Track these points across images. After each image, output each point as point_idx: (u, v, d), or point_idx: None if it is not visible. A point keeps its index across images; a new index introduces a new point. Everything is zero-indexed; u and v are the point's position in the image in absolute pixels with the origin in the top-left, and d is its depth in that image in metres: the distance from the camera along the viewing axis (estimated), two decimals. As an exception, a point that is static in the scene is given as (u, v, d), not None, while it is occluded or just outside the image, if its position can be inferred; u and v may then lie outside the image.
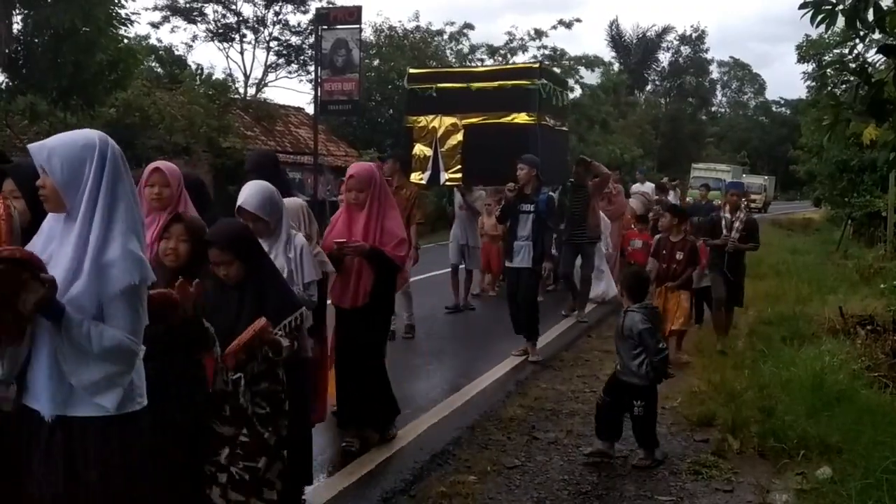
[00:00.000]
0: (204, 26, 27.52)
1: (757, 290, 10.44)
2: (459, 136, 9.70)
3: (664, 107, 56.33)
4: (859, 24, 4.31)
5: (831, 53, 16.61)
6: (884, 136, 4.79)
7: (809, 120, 19.20)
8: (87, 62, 12.36)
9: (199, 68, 24.90)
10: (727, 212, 7.82)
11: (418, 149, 9.97)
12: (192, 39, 35.48)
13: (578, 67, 32.99)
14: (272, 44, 28.03)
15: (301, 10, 27.12)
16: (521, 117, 9.48)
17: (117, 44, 13.12)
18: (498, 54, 30.60)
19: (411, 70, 11.57)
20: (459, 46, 30.62)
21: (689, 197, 21.48)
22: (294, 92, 61.75)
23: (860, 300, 9.64)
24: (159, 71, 25.22)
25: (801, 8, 4.43)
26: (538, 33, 30.88)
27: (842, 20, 4.34)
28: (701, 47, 60.07)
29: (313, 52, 21.93)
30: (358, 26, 19.77)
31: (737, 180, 26.79)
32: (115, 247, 2.29)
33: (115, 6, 12.73)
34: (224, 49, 28.35)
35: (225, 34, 27.59)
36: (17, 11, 12.29)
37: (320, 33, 20.04)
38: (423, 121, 9.97)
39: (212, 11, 27.17)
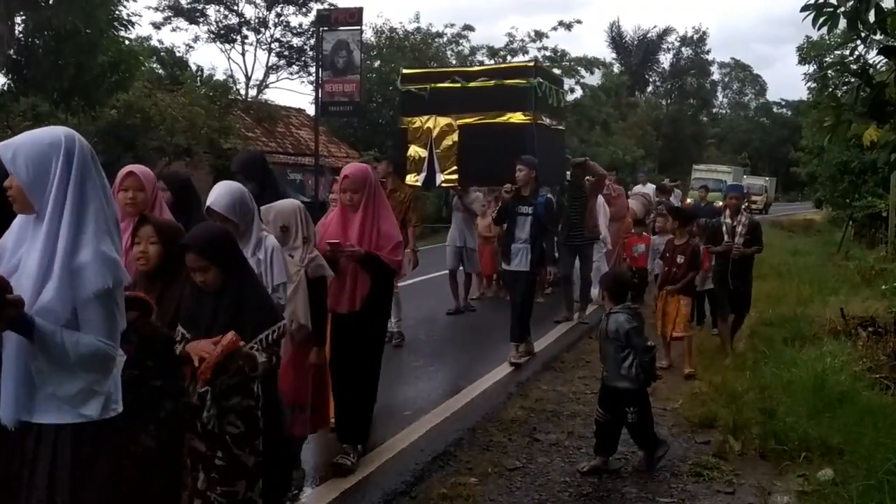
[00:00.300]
0: (206, 27, 27.56)
1: (758, 292, 10.39)
2: (455, 137, 9.58)
3: (665, 108, 56.35)
4: (860, 26, 4.31)
5: (832, 55, 16.61)
6: (884, 137, 4.79)
7: (810, 121, 19.22)
8: (89, 64, 12.39)
9: (199, 70, 24.94)
10: (727, 216, 7.45)
11: (413, 150, 9.83)
12: (194, 40, 35.57)
13: (579, 69, 32.99)
14: (273, 45, 28.08)
15: (302, 11, 27.16)
16: (516, 117, 9.36)
17: (119, 45, 13.14)
18: (498, 56, 30.60)
19: (405, 70, 11.39)
20: (460, 48, 30.67)
21: (689, 198, 21.47)
22: (295, 93, 61.85)
23: (861, 301, 9.63)
24: (160, 72, 25.23)
25: (802, 10, 4.43)
26: (538, 35, 30.90)
27: (843, 22, 4.34)
28: (702, 48, 60.13)
29: (314, 53, 21.94)
30: (359, 28, 19.83)
31: (736, 183, 26.66)
32: (87, 249, 2.20)
33: (115, 8, 12.74)
34: (225, 50, 28.38)
35: (227, 35, 27.61)
36: (20, 15, 12.30)
37: (321, 35, 20.09)
38: (417, 121, 9.85)
39: (214, 12, 27.21)
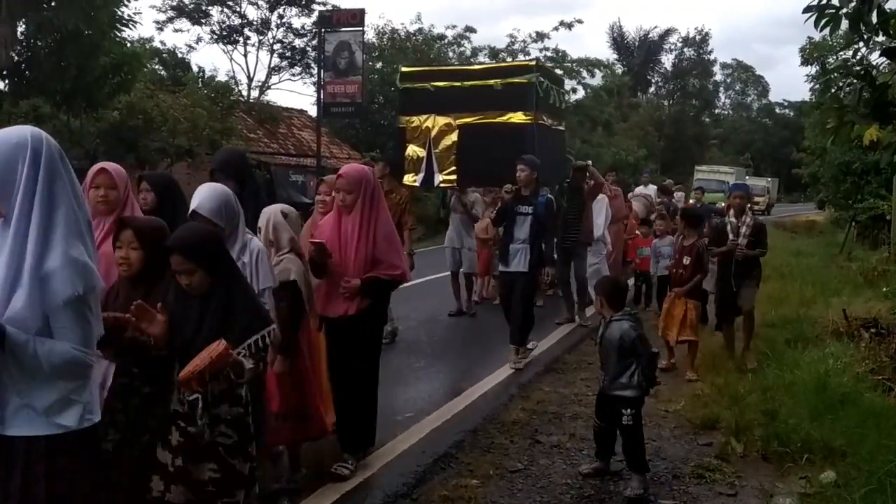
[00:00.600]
0: (208, 28, 27.57)
1: (761, 293, 10.39)
2: (454, 137, 9.45)
3: (667, 109, 56.33)
4: (863, 28, 4.31)
5: (835, 56, 16.61)
6: (887, 138, 4.78)
7: (813, 122, 19.21)
8: (91, 65, 12.40)
9: (201, 71, 24.95)
10: (732, 216, 7.22)
11: (411, 150, 9.69)
12: (196, 41, 35.60)
13: (580, 70, 33.00)
14: (276, 46, 28.06)
15: (305, 13, 27.16)
16: (517, 116, 9.22)
17: (121, 47, 13.14)
18: (499, 57, 30.61)
19: (404, 68, 11.23)
20: (462, 49, 30.68)
21: (690, 199, 21.47)
22: (297, 94, 61.79)
23: (864, 303, 9.61)
24: (162, 73, 25.25)
25: (804, 11, 4.43)
26: (540, 35, 30.92)
27: (845, 23, 4.33)
28: (705, 49, 60.13)
29: (316, 54, 21.95)
30: (361, 29, 19.86)
31: (741, 182, 26.62)
32: (56, 254, 2.09)
33: (118, 9, 12.75)
34: (228, 52, 28.37)
35: (229, 36, 27.62)
36: (20, 17, 12.31)
37: (323, 36, 20.11)
38: (416, 121, 9.71)
39: (216, 13, 27.21)
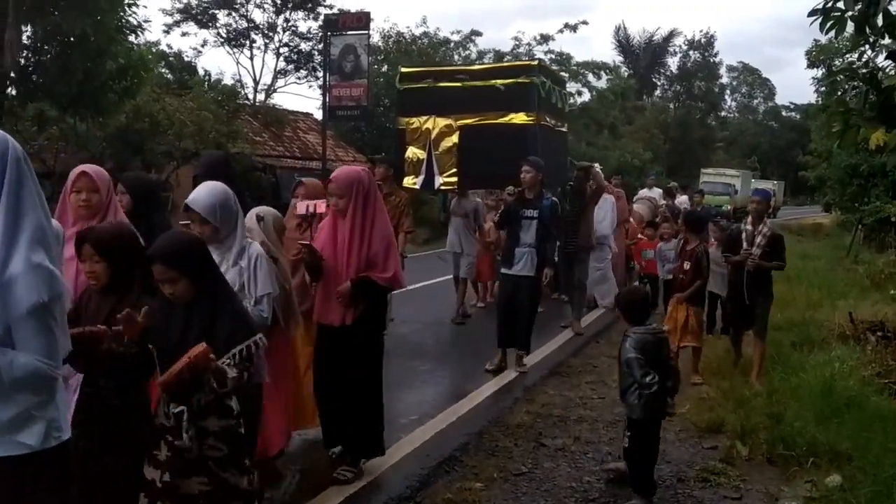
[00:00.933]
0: (215, 31, 27.67)
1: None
2: (454, 138, 9.30)
3: (673, 111, 56.25)
4: (868, 30, 4.30)
5: (841, 59, 16.57)
6: (893, 140, 4.77)
7: (819, 125, 19.15)
8: (97, 70, 12.43)
9: (206, 74, 25.03)
10: (749, 223, 6.80)
11: (411, 152, 9.54)
12: (202, 45, 35.73)
13: (586, 72, 32.97)
14: (282, 50, 28.15)
15: (311, 16, 27.24)
16: (519, 117, 9.07)
17: (128, 52, 13.18)
18: (505, 60, 30.60)
19: (403, 69, 11.08)
20: (467, 52, 30.67)
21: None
22: (303, 98, 61.99)
23: (871, 306, 9.59)
24: (169, 77, 25.34)
25: (810, 15, 4.42)
26: (544, 38, 30.88)
27: (851, 26, 4.32)
28: (710, 52, 60.03)
29: (322, 57, 21.99)
30: (366, 32, 19.86)
31: (762, 188, 26.49)
32: (18, 260, 1.98)
33: (125, 14, 12.79)
34: (234, 55, 28.48)
35: (236, 40, 27.72)
36: (27, 21, 12.36)
37: (329, 39, 20.14)
38: (416, 122, 9.57)
39: (223, 16, 27.32)
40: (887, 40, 4.87)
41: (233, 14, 27.17)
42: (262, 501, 3.04)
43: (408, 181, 9.41)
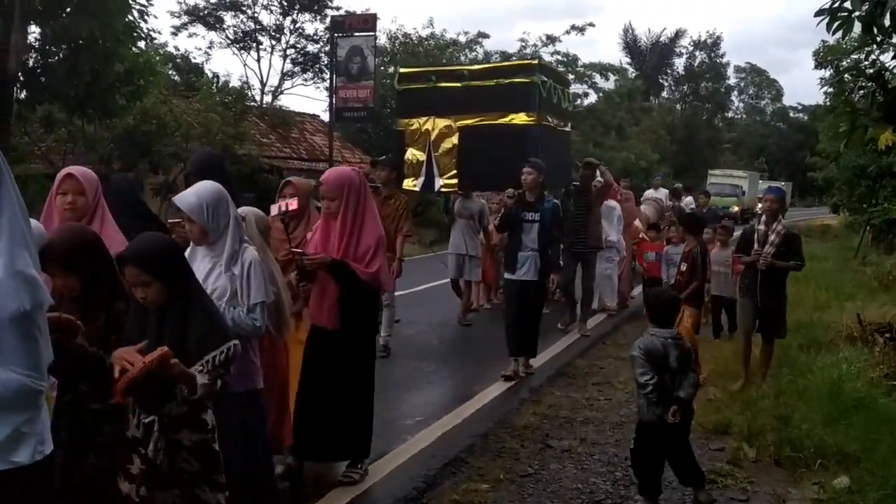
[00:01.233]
0: (223, 34, 27.73)
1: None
2: (454, 139, 9.18)
3: (679, 112, 56.14)
4: (876, 31, 4.29)
5: (849, 59, 16.52)
6: (900, 141, 4.75)
7: (827, 126, 19.09)
8: (105, 72, 12.47)
9: (215, 76, 25.08)
10: (762, 223, 6.56)
11: (411, 153, 9.44)
12: (209, 47, 35.82)
13: (593, 74, 32.94)
14: (288, 51, 28.19)
15: (318, 18, 27.28)
16: (519, 117, 8.94)
17: (136, 57, 13.22)
18: (512, 60, 30.60)
19: (402, 70, 10.94)
20: (474, 54, 30.67)
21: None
22: (310, 99, 61.83)
23: (879, 307, 9.54)
24: (176, 79, 25.41)
25: (816, 15, 4.42)
26: (550, 39, 30.88)
27: (858, 26, 4.31)
28: (717, 52, 59.93)
29: (329, 59, 22.03)
30: (373, 34, 19.94)
31: (776, 185, 26.32)
32: None
33: (134, 18, 12.83)
34: (241, 56, 28.52)
35: (243, 41, 27.79)
36: (36, 23, 12.41)
37: (335, 41, 20.20)
38: (415, 123, 9.45)
39: (230, 18, 27.38)
40: (895, 40, 4.86)
41: (239, 16, 27.26)
42: None
43: (408, 183, 9.30)
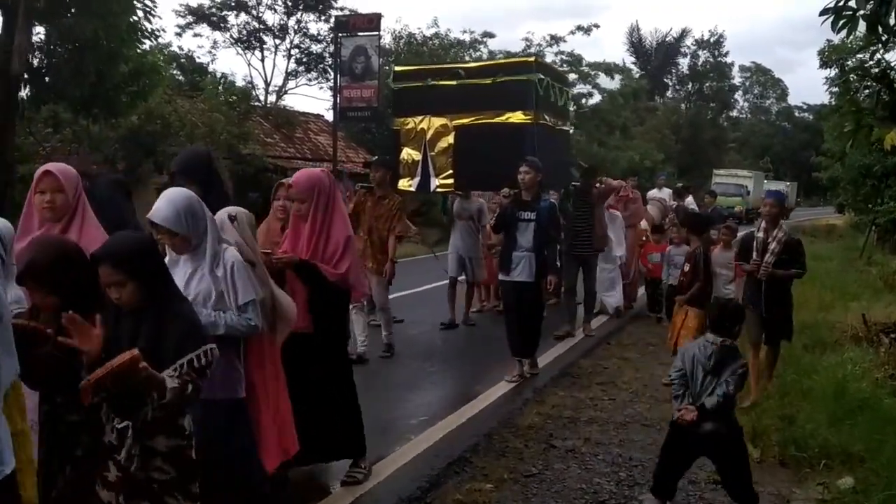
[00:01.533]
0: (227, 34, 27.79)
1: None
2: (450, 139, 8.99)
3: (684, 112, 56.07)
4: (880, 30, 4.28)
5: (854, 58, 16.47)
6: (906, 141, 4.74)
7: (832, 125, 19.03)
8: (110, 72, 12.50)
9: (223, 77, 25.14)
10: (761, 229, 6.21)
11: (406, 153, 9.28)
12: (213, 46, 35.92)
13: (598, 73, 32.90)
14: (293, 51, 28.23)
15: (322, 18, 27.31)
16: (516, 116, 8.73)
17: (142, 57, 13.24)
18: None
19: (397, 68, 10.72)
20: (478, 53, 30.66)
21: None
22: (314, 99, 61.84)
23: (884, 308, 9.52)
24: (180, 79, 25.46)
25: (821, 14, 4.40)
26: (555, 39, 30.83)
27: (863, 25, 4.30)
28: (720, 51, 59.84)
29: (333, 59, 22.05)
30: (377, 34, 19.91)
31: (776, 189, 26.18)
32: None
33: (139, 18, 12.86)
34: (245, 56, 28.58)
35: (247, 41, 27.83)
36: (41, 24, 12.45)
37: (339, 41, 20.20)
38: (410, 122, 9.27)
39: (234, 18, 27.43)
40: (900, 40, 4.84)
41: (244, 15, 27.31)
42: None
43: (403, 183, 9.17)
